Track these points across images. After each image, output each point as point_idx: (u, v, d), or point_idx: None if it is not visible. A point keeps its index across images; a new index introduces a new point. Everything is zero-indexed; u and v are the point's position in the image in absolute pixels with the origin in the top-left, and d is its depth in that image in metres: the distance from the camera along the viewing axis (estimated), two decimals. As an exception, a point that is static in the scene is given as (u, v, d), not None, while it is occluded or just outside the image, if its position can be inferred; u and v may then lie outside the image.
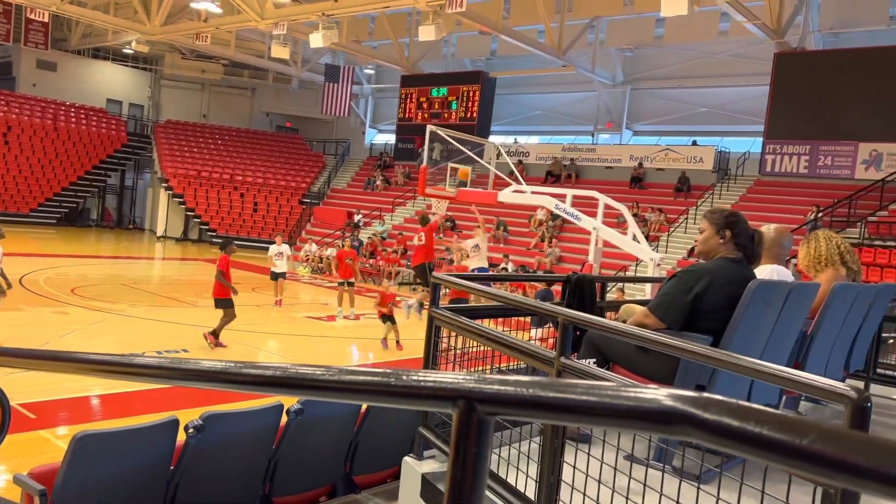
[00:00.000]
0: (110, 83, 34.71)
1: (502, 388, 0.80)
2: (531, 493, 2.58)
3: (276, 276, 15.00)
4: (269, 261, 15.29)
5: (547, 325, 5.49)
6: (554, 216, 21.47)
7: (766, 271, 3.69)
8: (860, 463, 0.57)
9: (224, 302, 10.49)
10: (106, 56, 34.51)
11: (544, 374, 2.64)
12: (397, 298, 11.47)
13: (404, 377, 0.90)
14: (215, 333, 10.50)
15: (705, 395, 0.70)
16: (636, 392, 0.73)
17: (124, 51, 32.71)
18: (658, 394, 0.72)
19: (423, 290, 15.42)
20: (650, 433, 0.81)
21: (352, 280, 14.50)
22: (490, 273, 15.53)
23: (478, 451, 0.82)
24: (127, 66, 35.13)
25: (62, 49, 32.83)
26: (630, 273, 17.90)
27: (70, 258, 20.33)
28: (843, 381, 4.27)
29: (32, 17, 26.09)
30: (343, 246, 17.19)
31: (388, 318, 11.15)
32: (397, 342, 11.23)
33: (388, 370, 0.94)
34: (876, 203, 17.83)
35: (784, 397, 3.93)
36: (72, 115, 32.13)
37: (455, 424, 0.83)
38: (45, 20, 26.67)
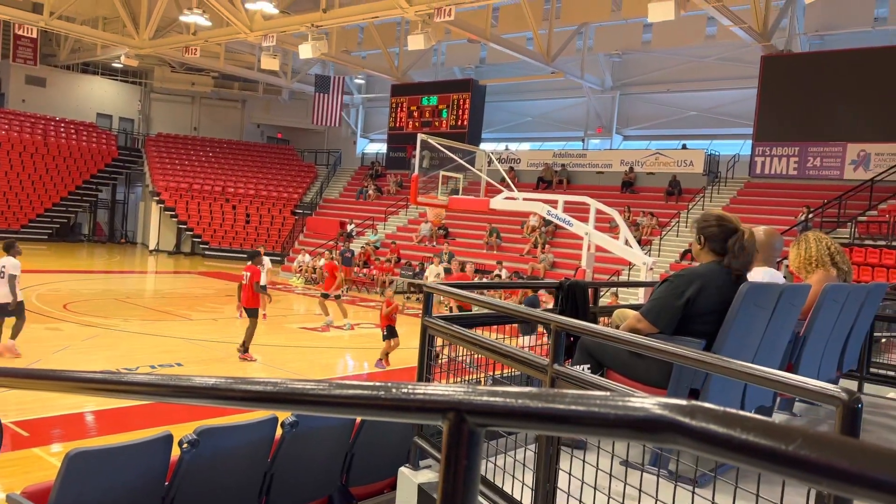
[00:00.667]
0: (100, 97, 34.65)
1: (491, 399, 0.81)
2: (527, 502, 2.58)
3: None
4: None
5: (538, 332, 5.49)
6: (546, 222, 21.52)
7: (756, 274, 3.71)
8: (845, 468, 0.58)
9: (255, 311, 10.86)
10: (95, 70, 34.47)
11: (538, 381, 2.64)
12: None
13: (394, 390, 0.90)
14: (245, 348, 10.67)
15: (693, 402, 0.70)
16: (624, 401, 0.73)
17: (114, 65, 32.69)
18: (646, 402, 0.72)
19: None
20: (639, 442, 0.81)
21: (337, 293, 14.48)
22: (484, 281, 15.54)
23: (468, 463, 0.82)
24: (116, 80, 35.09)
25: (51, 64, 32.77)
26: (623, 278, 17.93)
27: (62, 273, 20.23)
28: (836, 381, 4.29)
29: (21, 32, 26.08)
30: (332, 258, 17.18)
31: (391, 330, 10.81)
32: (386, 355, 10.87)
33: (378, 383, 0.94)
34: (865, 203, 17.95)
35: (778, 399, 3.94)
36: (62, 130, 32.04)
37: (445, 436, 0.83)
38: (34, 36, 26.66)
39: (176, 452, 4.00)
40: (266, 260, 15.22)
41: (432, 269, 19.20)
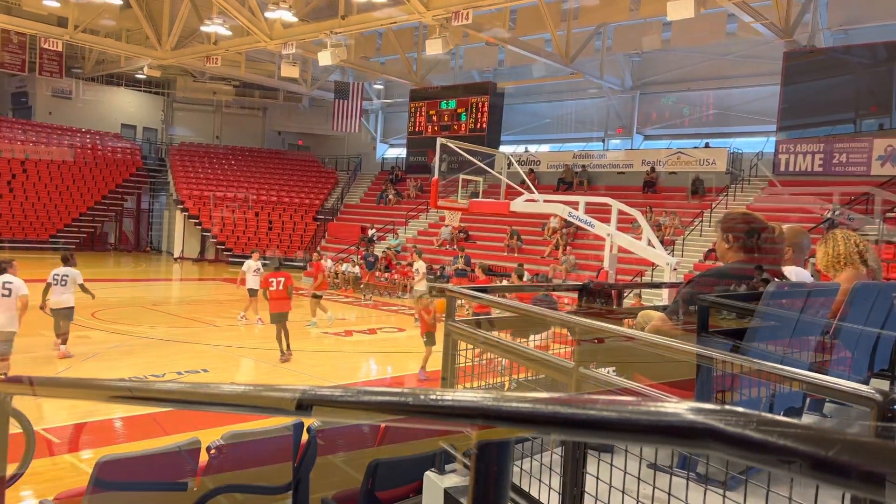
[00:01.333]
0: (124, 108, 35.20)
1: (521, 405, 0.80)
2: (555, 506, 2.56)
3: (254, 293, 14.82)
4: (241, 275, 15.36)
5: (544, 334, 5.45)
6: (567, 224, 21.41)
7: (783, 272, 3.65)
8: (887, 473, 0.57)
9: (284, 315, 11.28)
10: (119, 82, 35.02)
11: (564, 385, 2.63)
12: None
13: (422, 397, 0.90)
14: (287, 346, 11.16)
15: (727, 407, 0.69)
16: (657, 406, 0.73)
17: (137, 76, 33.19)
18: (679, 407, 0.71)
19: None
20: (672, 447, 0.80)
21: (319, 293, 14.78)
22: (504, 284, 15.50)
23: (499, 469, 0.82)
24: (140, 90, 35.61)
25: (76, 77, 33.37)
26: (647, 278, 17.77)
27: (90, 282, 20.51)
28: (867, 381, 4.20)
29: (46, 46, 26.57)
30: (320, 258, 17.31)
31: (430, 336, 10.39)
32: (423, 367, 10.42)
33: (406, 389, 0.94)
34: (894, 199, 17.61)
35: (808, 399, 3.87)
36: (87, 141, 32.60)
37: (475, 443, 0.83)
38: (59, 49, 27.13)
39: (204, 458, 4.04)
40: (251, 263, 15.32)
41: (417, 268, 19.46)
